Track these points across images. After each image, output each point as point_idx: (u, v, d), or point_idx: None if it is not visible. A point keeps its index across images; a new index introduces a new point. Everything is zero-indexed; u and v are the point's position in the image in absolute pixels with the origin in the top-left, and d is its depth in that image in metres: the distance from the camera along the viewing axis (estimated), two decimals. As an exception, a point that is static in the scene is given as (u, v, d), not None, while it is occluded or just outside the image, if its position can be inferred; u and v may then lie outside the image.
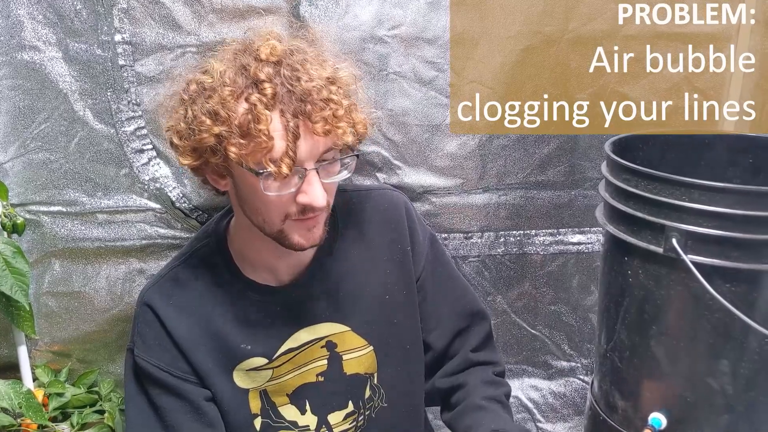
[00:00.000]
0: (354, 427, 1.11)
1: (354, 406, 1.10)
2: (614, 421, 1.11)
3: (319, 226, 0.96)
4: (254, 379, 1.04)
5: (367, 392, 1.11)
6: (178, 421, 1.00)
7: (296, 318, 1.05)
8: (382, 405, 1.13)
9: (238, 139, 0.87)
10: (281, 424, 1.07)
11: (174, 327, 1.00)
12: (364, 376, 1.10)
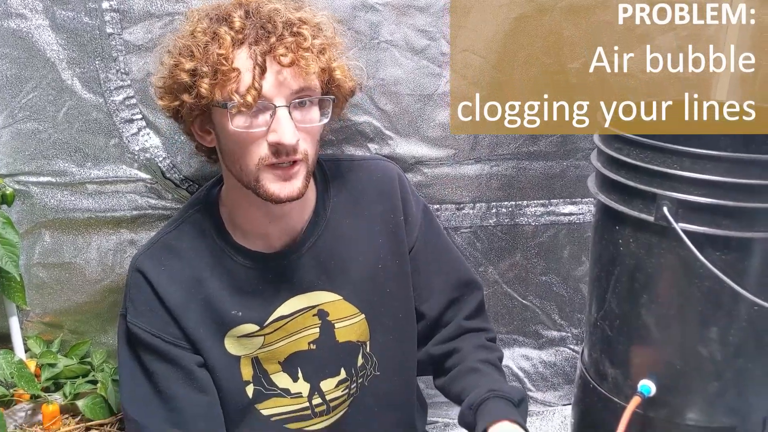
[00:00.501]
0: (347, 395, 1.12)
1: (346, 374, 1.10)
2: (604, 388, 1.12)
3: (297, 178, 0.95)
4: (246, 346, 1.04)
5: (359, 360, 1.12)
6: (170, 386, 1.00)
7: (288, 285, 1.05)
8: (375, 373, 1.14)
9: (209, 74, 0.89)
10: (273, 391, 1.07)
11: (165, 293, 1.00)
12: (356, 343, 1.10)
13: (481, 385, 1.07)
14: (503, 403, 1.05)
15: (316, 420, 1.10)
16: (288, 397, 1.08)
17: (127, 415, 1.02)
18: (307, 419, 1.10)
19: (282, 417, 1.09)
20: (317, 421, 1.11)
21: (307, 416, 1.10)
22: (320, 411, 1.10)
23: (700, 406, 1.03)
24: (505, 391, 1.06)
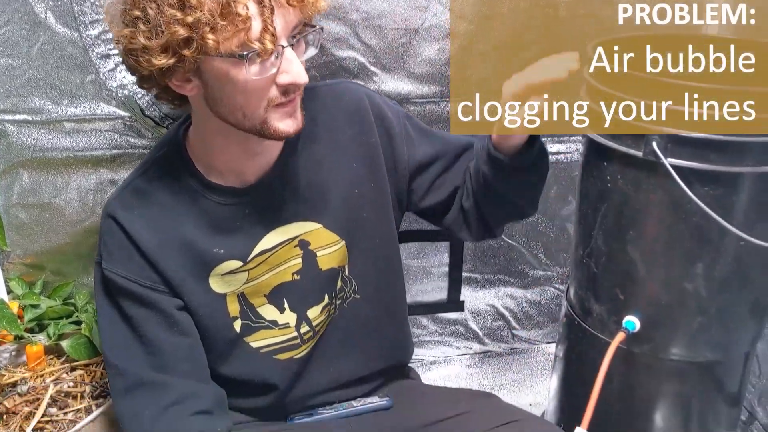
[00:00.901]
0: (327, 317, 1.12)
1: (328, 298, 1.10)
2: (589, 325, 1.13)
3: (298, 109, 0.94)
4: (230, 282, 1.03)
5: (338, 283, 1.11)
6: (149, 330, 0.99)
7: (266, 219, 1.03)
8: (354, 296, 1.14)
9: (216, 24, 0.83)
10: (261, 324, 1.07)
11: (140, 237, 0.98)
12: (337, 269, 1.10)
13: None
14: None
15: (304, 347, 1.11)
16: (276, 329, 1.08)
17: (107, 361, 1.01)
18: (296, 348, 1.10)
19: (271, 348, 1.09)
20: (304, 347, 1.11)
21: (296, 345, 1.10)
22: (308, 338, 1.10)
23: (684, 341, 1.04)
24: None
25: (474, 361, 1.74)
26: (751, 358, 1.12)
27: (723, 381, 1.09)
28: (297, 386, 1.13)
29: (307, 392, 1.15)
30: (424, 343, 1.73)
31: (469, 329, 1.72)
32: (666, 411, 1.11)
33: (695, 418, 1.11)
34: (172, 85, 0.92)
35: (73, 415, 1.16)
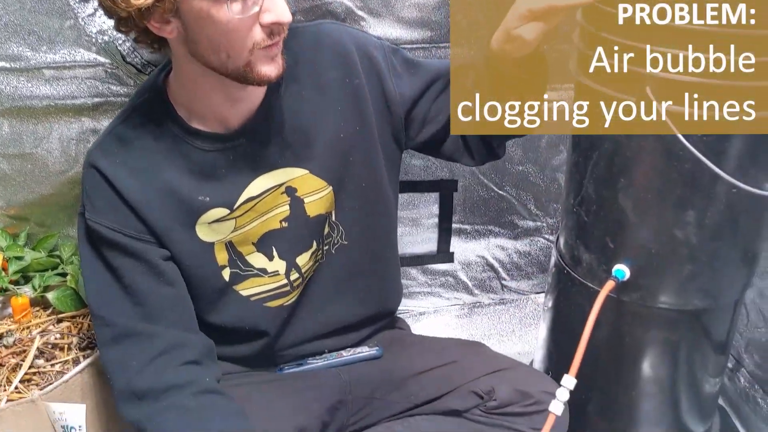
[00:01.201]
0: (315, 262, 1.11)
1: (316, 244, 1.10)
2: (578, 273, 1.13)
3: (280, 54, 0.91)
4: (218, 231, 1.02)
5: (326, 229, 1.10)
6: (135, 281, 0.98)
7: (252, 165, 1.01)
8: (342, 242, 1.13)
9: None
10: (250, 272, 1.06)
11: (123, 186, 0.96)
12: (325, 215, 1.09)
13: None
14: None
15: (293, 294, 1.10)
16: (266, 276, 1.07)
17: (93, 312, 1.00)
18: (286, 295, 1.09)
19: (262, 296, 1.08)
20: (294, 294, 1.11)
21: (287, 292, 1.09)
22: (297, 284, 1.10)
23: (673, 289, 1.03)
24: None
25: (463, 311, 1.75)
26: (739, 306, 1.12)
27: (711, 329, 1.10)
28: (286, 333, 1.13)
29: (297, 339, 1.15)
30: (413, 295, 1.73)
31: (459, 280, 1.72)
32: (654, 359, 1.11)
33: (682, 366, 1.12)
34: (151, 27, 0.89)
35: (60, 366, 1.15)
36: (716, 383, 1.20)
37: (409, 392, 1.18)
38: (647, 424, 1.19)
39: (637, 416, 1.18)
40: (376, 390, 1.18)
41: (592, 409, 1.21)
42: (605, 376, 1.16)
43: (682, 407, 1.17)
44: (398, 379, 1.19)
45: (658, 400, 1.16)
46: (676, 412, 1.18)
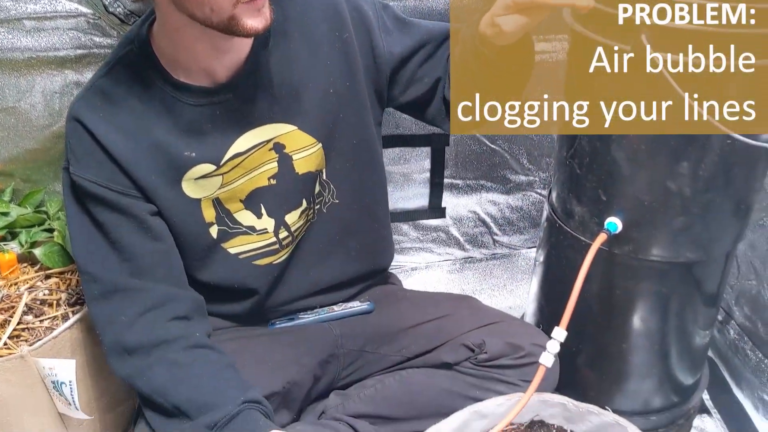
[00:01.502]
0: (305, 222, 1.10)
1: (306, 203, 1.08)
2: (570, 227, 1.12)
3: (266, 6, 0.89)
4: (204, 187, 1.00)
5: (316, 188, 1.09)
6: (123, 236, 0.96)
7: (239, 120, 0.99)
8: (333, 201, 1.12)
9: None
10: (238, 230, 1.05)
11: (108, 141, 0.94)
12: (314, 173, 1.07)
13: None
14: None
15: (283, 252, 1.09)
16: (254, 234, 1.06)
17: (80, 268, 0.98)
18: (275, 253, 1.08)
19: (250, 254, 1.07)
20: (284, 252, 1.10)
21: (275, 250, 1.08)
22: (287, 243, 1.09)
23: (665, 242, 1.03)
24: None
25: (455, 267, 1.75)
26: (731, 259, 1.12)
27: (702, 281, 1.10)
28: (277, 291, 1.13)
29: (288, 297, 1.15)
30: (405, 250, 1.73)
31: (451, 235, 1.71)
32: (644, 311, 1.11)
33: (673, 318, 1.12)
34: None
35: (49, 322, 1.14)
36: (706, 335, 1.20)
37: (400, 346, 1.18)
38: (637, 376, 1.19)
39: (626, 368, 1.18)
40: (367, 344, 1.18)
41: (582, 361, 1.22)
42: (596, 328, 1.17)
43: (672, 359, 1.18)
44: (389, 333, 1.19)
45: (648, 352, 1.16)
46: (666, 364, 1.18)
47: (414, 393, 1.15)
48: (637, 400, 1.22)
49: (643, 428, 0.99)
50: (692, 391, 1.28)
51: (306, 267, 1.14)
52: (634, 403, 1.22)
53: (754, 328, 1.41)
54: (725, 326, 1.50)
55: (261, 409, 0.91)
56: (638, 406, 1.23)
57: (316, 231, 1.13)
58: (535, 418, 1.03)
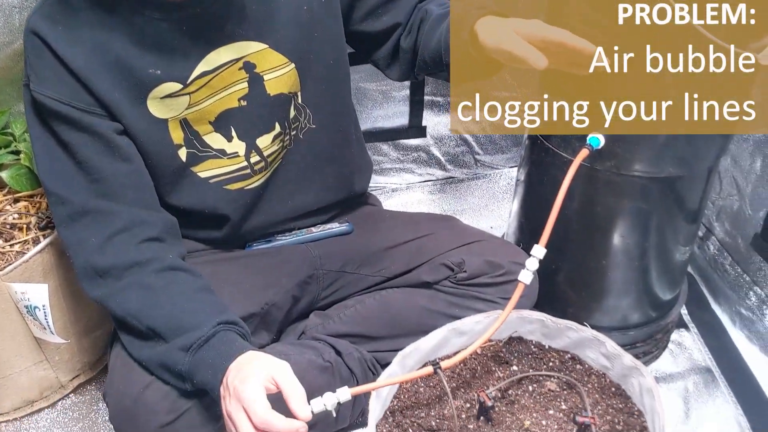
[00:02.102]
0: (281, 148, 1.07)
1: (281, 127, 1.05)
2: (552, 143, 1.10)
3: None
4: (171, 107, 0.96)
5: (291, 112, 1.06)
6: (89, 157, 0.93)
7: (207, 37, 0.95)
8: (309, 126, 1.09)
9: None
10: (208, 153, 1.02)
11: (68, 56, 0.89)
12: (288, 95, 1.04)
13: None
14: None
15: (256, 177, 1.07)
16: (225, 158, 1.03)
17: (47, 189, 0.95)
18: (247, 178, 1.06)
19: (221, 179, 1.04)
20: (257, 178, 1.07)
21: (247, 175, 1.05)
22: (259, 168, 1.06)
23: (648, 157, 1.01)
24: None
25: (436, 187, 1.73)
26: (713, 174, 1.11)
27: (684, 197, 1.08)
28: (252, 218, 1.11)
29: (264, 223, 1.13)
30: (385, 171, 1.70)
31: (432, 155, 1.69)
32: (625, 228, 1.11)
33: (653, 235, 1.11)
34: None
35: (19, 246, 1.12)
36: (686, 251, 1.20)
37: (380, 266, 1.17)
38: (616, 293, 1.20)
39: (606, 285, 1.19)
40: (346, 264, 1.17)
41: (562, 278, 1.22)
42: (576, 246, 1.16)
43: (652, 276, 1.18)
44: (369, 253, 1.18)
45: (627, 269, 1.16)
46: (646, 280, 1.18)
47: (394, 312, 1.15)
48: (615, 316, 1.23)
49: (621, 343, 0.99)
50: (671, 306, 1.29)
51: (283, 195, 1.11)
52: (613, 319, 1.23)
53: (734, 244, 1.41)
54: (705, 242, 1.50)
55: (237, 330, 0.90)
56: (617, 321, 1.23)
57: (293, 158, 1.10)
58: (513, 334, 1.03)
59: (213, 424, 0.93)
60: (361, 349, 1.13)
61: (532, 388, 0.98)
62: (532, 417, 0.93)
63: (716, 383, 1.30)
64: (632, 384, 0.94)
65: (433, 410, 0.95)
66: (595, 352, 0.99)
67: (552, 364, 1.01)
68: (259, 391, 0.77)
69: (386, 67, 1.12)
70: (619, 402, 0.95)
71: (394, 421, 0.93)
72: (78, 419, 1.18)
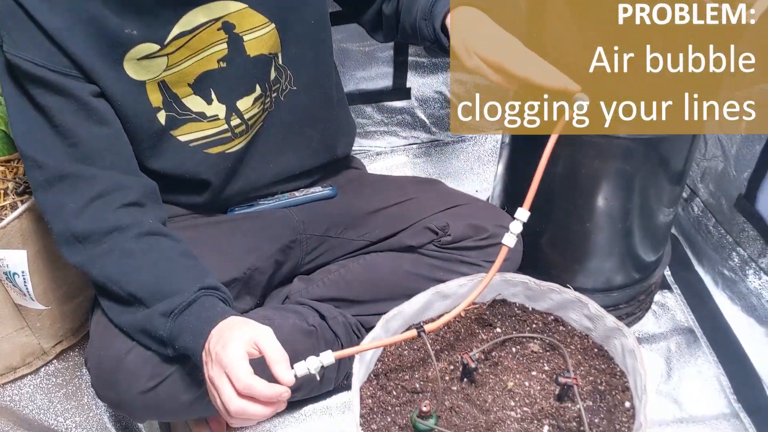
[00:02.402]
0: (261, 110, 1.06)
1: (261, 89, 1.03)
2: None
3: None
4: (148, 68, 0.94)
5: (272, 74, 1.04)
6: (66, 120, 0.90)
7: None
8: (291, 88, 1.07)
9: None
10: (188, 116, 1.00)
11: (42, 16, 0.86)
12: (268, 56, 1.02)
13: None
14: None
15: (237, 141, 1.05)
16: (204, 121, 1.01)
17: (23, 154, 0.93)
18: (227, 142, 1.04)
19: (201, 142, 1.03)
20: (237, 141, 1.05)
21: (228, 138, 1.04)
22: (240, 131, 1.04)
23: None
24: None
25: (421, 150, 1.72)
26: (698, 135, 1.10)
27: (668, 158, 1.08)
28: (234, 182, 1.09)
29: (246, 188, 1.12)
30: (369, 134, 1.69)
31: (416, 118, 1.67)
32: (609, 190, 1.10)
33: (637, 197, 1.11)
34: None
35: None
36: (670, 213, 1.20)
37: (364, 230, 1.17)
38: (600, 255, 1.20)
39: (589, 247, 1.19)
40: (330, 229, 1.16)
41: (546, 241, 1.21)
42: (560, 209, 1.16)
43: (635, 238, 1.18)
44: (353, 217, 1.17)
45: (611, 231, 1.16)
46: (629, 242, 1.19)
47: (378, 276, 1.14)
48: (599, 277, 1.23)
49: (604, 305, 0.99)
50: (654, 268, 1.30)
51: (265, 158, 1.10)
52: (596, 280, 1.24)
53: (717, 205, 1.41)
54: (690, 204, 1.51)
55: (219, 295, 0.89)
56: (600, 283, 1.24)
57: (274, 121, 1.08)
58: (497, 297, 1.03)
59: (195, 390, 0.93)
60: (345, 313, 1.13)
61: (515, 350, 0.98)
62: (515, 378, 0.94)
63: (698, 343, 1.31)
64: (615, 345, 0.95)
65: (417, 373, 0.95)
66: (578, 313, 0.99)
67: (535, 326, 1.01)
68: (241, 356, 0.76)
69: (372, 31, 1.12)
70: (601, 363, 0.96)
71: (378, 383, 0.93)
72: (61, 385, 1.18)
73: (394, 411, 0.90)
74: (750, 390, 1.23)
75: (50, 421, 1.14)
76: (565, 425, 0.87)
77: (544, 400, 0.91)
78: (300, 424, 1.18)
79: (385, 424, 0.88)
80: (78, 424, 1.15)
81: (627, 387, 0.92)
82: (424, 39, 0.98)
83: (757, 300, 1.30)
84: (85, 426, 1.15)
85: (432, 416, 0.87)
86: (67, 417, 1.15)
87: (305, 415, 1.19)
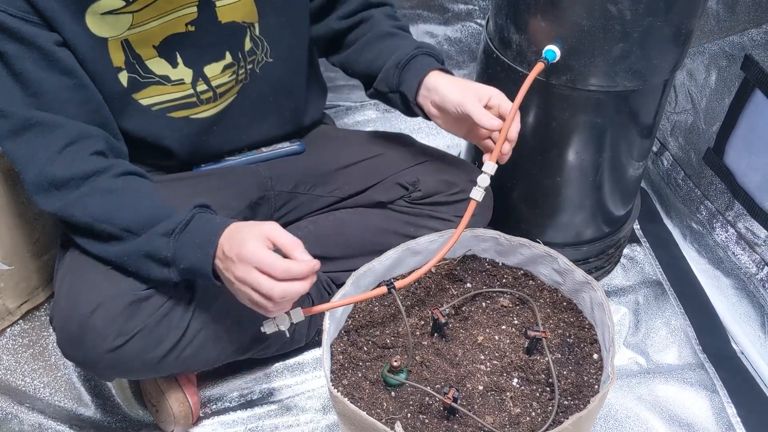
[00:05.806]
0: (234, 80, 1.03)
1: (233, 58, 1.00)
2: (508, 57, 1.07)
3: None
4: (112, 25, 0.90)
5: (247, 44, 1.01)
6: (27, 68, 0.86)
7: None
8: (267, 60, 1.04)
9: None
10: (151, 79, 0.96)
11: None
12: (242, 24, 0.98)
13: (403, 46, 1.05)
14: (432, 60, 1.03)
15: (203, 107, 1.02)
16: (168, 85, 0.98)
17: None
18: (192, 107, 1.01)
19: (164, 106, 0.99)
20: (204, 108, 1.02)
21: (193, 104, 1.01)
22: (206, 98, 1.01)
23: (603, 70, 0.99)
24: (432, 48, 1.05)
25: (392, 105, 1.69)
26: (668, 88, 1.10)
27: (639, 111, 1.07)
28: (201, 150, 1.07)
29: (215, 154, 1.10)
30: (338, 88, 1.66)
31: (387, 72, 1.64)
32: (580, 144, 1.10)
33: (608, 150, 1.11)
34: None
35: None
36: (640, 167, 1.20)
37: (333, 186, 1.15)
38: (570, 209, 1.20)
39: (560, 202, 1.19)
40: (299, 185, 1.15)
41: (516, 196, 1.21)
42: (531, 163, 1.15)
43: (605, 192, 1.18)
44: (322, 173, 1.16)
45: (581, 185, 1.16)
46: (599, 196, 1.19)
47: (348, 232, 1.13)
48: (569, 232, 1.24)
49: (574, 259, 1.00)
50: (623, 221, 1.31)
51: (236, 128, 1.08)
52: (566, 235, 1.24)
53: (687, 158, 1.42)
54: (659, 157, 1.51)
55: (212, 212, 0.89)
56: (570, 238, 1.24)
57: (249, 93, 1.06)
58: (467, 252, 1.03)
59: (161, 347, 0.92)
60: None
61: (485, 305, 0.98)
62: (485, 332, 0.94)
63: (666, 296, 1.33)
64: (583, 298, 0.95)
65: (387, 328, 0.95)
66: (548, 268, 0.99)
67: (505, 281, 1.01)
68: (264, 247, 0.78)
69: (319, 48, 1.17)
70: (570, 316, 0.96)
71: (349, 340, 0.93)
72: (28, 345, 1.16)
73: (365, 366, 0.90)
74: (715, 341, 1.26)
75: (18, 381, 1.12)
76: (534, 377, 0.88)
77: (513, 353, 0.91)
78: (272, 381, 1.18)
79: (356, 379, 0.88)
80: (46, 384, 1.14)
81: (595, 339, 0.93)
82: (387, 84, 1.07)
83: (724, 253, 1.32)
84: (53, 386, 1.14)
85: (403, 371, 0.87)
86: (34, 377, 1.13)
87: (277, 372, 1.19)
